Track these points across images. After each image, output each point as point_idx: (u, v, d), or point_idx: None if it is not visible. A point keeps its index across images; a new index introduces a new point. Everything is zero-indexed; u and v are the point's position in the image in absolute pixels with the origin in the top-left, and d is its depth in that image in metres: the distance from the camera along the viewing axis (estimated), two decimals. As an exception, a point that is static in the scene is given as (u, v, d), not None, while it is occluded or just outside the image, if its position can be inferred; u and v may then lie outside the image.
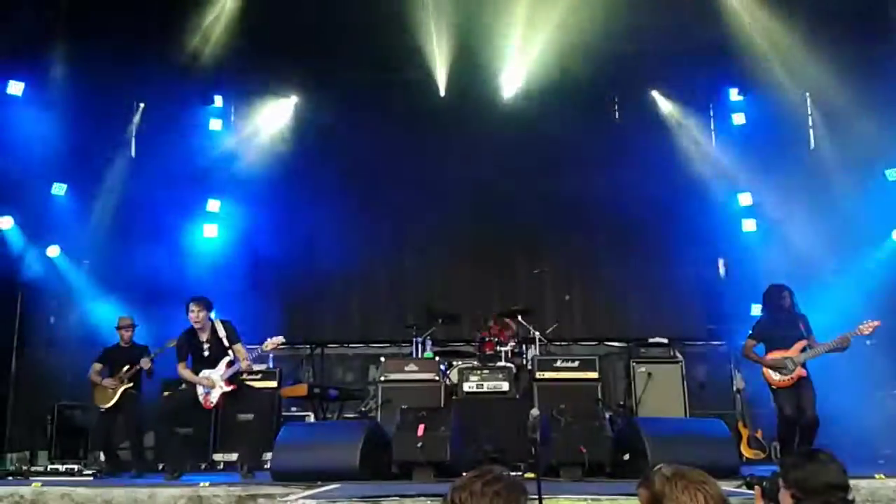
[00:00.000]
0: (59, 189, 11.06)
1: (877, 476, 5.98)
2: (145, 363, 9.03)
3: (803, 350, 7.83)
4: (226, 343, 7.94)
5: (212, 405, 7.91)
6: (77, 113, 10.72)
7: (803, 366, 7.80)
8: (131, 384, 9.02)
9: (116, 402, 8.94)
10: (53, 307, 11.07)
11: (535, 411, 4.79)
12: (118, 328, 9.36)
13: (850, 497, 3.03)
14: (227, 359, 7.90)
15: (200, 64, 11.04)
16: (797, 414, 7.75)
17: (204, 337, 7.99)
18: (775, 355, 7.88)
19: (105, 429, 9.08)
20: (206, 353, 7.94)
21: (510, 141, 12.10)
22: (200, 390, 7.89)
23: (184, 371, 8.01)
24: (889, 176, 10.81)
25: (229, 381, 7.85)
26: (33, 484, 6.47)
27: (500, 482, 2.45)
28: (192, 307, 7.92)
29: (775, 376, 7.84)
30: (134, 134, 12.08)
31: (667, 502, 2.56)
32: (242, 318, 11.63)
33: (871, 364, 9.56)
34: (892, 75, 10.35)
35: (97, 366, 9.20)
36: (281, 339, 7.99)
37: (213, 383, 7.83)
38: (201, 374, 7.90)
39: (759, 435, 9.34)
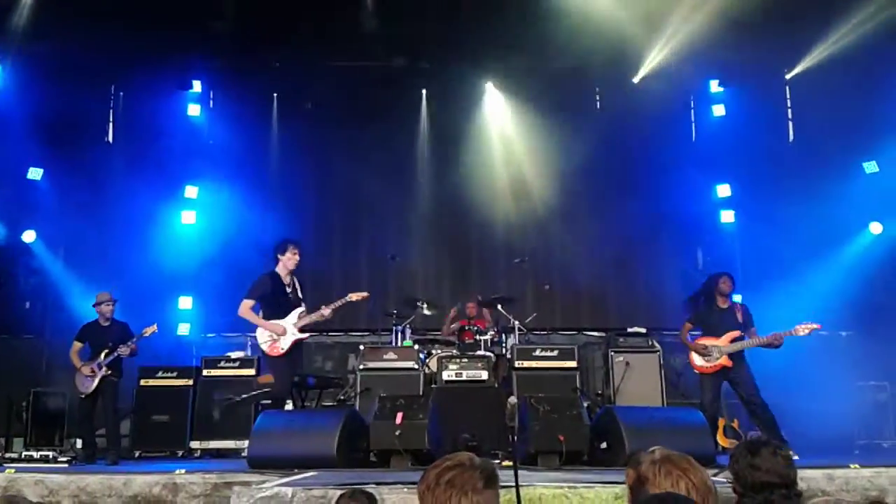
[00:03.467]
0: (35, 174, 10.95)
1: (851, 466, 6.02)
2: (124, 351, 8.92)
3: (733, 341, 8.03)
4: (300, 295, 8.23)
5: (281, 352, 7.98)
6: (54, 97, 10.62)
7: (732, 356, 7.99)
8: (110, 372, 8.90)
9: (96, 387, 8.84)
10: (28, 292, 10.96)
11: (512, 399, 4.79)
12: (96, 305, 9.14)
13: (794, 492, 2.95)
14: (299, 309, 8.11)
15: (179, 48, 10.94)
16: (711, 401, 8.09)
17: (287, 280, 8.17)
18: (704, 342, 8.12)
19: (85, 415, 8.98)
20: (290, 296, 8.13)
21: (491, 130, 12.16)
22: (265, 337, 7.98)
23: (249, 312, 8.04)
24: (866, 168, 10.91)
25: (302, 329, 8.06)
26: (7, 470, 6.41)
27: (452, 471, 2.41)
28: (295, 249, 8.12)
29: (697, 361, 8.15)
30: (111, 119, 11.97)
31: (650, 485, 2.56)
32: (221, 304, 11.67)
33: (847, 355, 9.66)
34: (869, 68, 10.45)
35: (77, 344, 9.05)
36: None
37: (283, 330, 7.97)
38: (272, 321, 8.00)
39: (735, 424, 9.39)
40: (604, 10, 10.52)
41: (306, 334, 8.16)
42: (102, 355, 8.86)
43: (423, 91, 12.48)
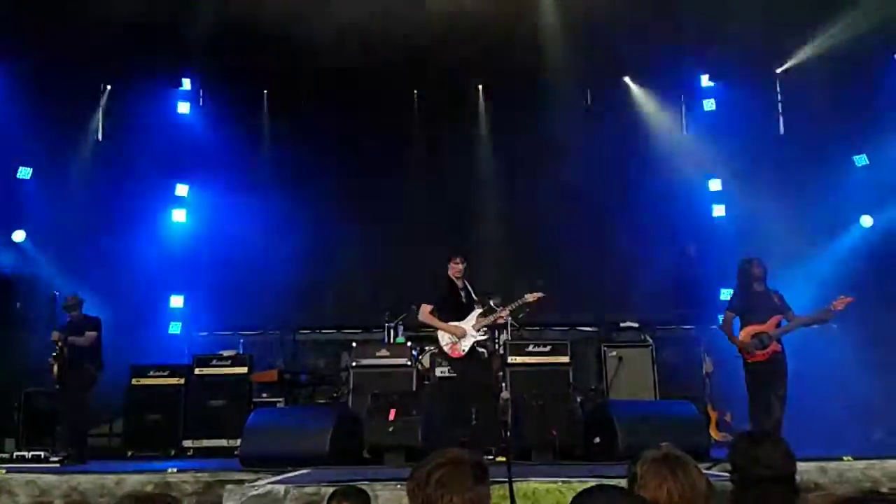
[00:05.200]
0: (24, 173, 10.89)
1: (844, 458, 6.04)
2: (53, 335, 8.90)
3: (779, 325, 7.81)
4: (474, 297, 8.31)
5: (461, 354, 8.01)
6: (43, 95, 10.56)
7: (778, 341, 7.80)
8: (57, 354, 8.84)
9: (64, 380, 8.87)
10: (19, 292, 10.91)
11: (505, 394, 4.81)
12: (64, 308, 9.22)
13: (791, 487, 2.94)
14: (476, 311, 8.17)
15: (168, 46, 10.88)
16: (766, 391, 7.76)
17: (460, 285, 8.25)
18: (750, 330, 7.85)
19: (61, 412, 9.09)
20: (464, 301, 8.21)
21: (484, 128, 12.18)
22: (446, 339, 8.05)
23: (429, 315, 8.09)
24: (857, 162, 10.93)
25: (479, 330, 8.14)
26: (-2, 471, 6.38)
27: (443, 469, 2.38)
28: (455, 258, 8.20)
29: (750, 351, 7.83)
30: (101, 117, 11.91)
31: (637, 484, 2.55)
32: (214, 303, 11.65)
33: (837, 348, 9.67)
34: (859, 61, 10.48)
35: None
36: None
37: (463, 332, 8.01)
38: (451, 323, 8.06)
39: (728, 418, 9.41)
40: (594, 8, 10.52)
41: (485, 336, 8.22)
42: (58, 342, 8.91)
43: (415, 90, 12.43)
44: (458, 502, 2.34)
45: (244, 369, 9.95)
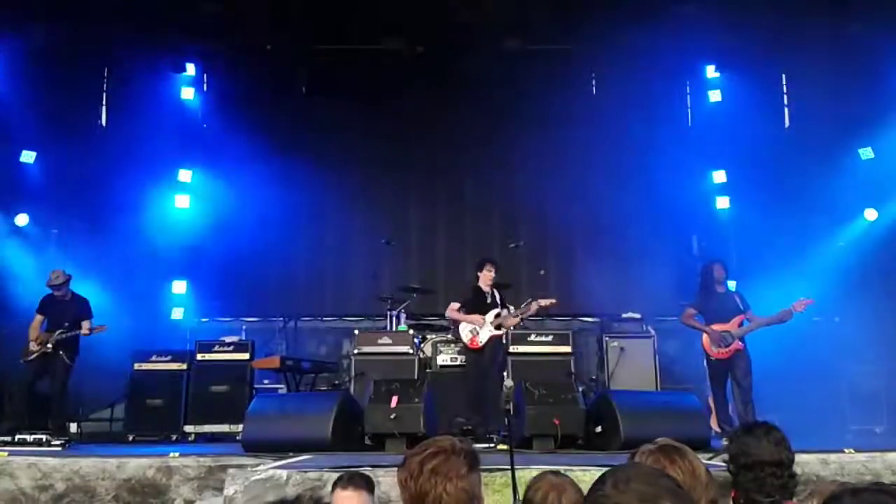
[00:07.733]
0: (28, 157, 10.88)
1: (846, 451, 6.03)
2: (85, 329, 8.97)
3: (741, 325, 8.13)
4: (498, 303, 9.11)
5: (479, 345, 8.80)
6: (47, 79, 10.54)
7: (741, 339, 8.07)
8: (51, 347, 8.93)
9: (46, 364, 8.98)
10: (21, 276, 10.90)
11: (508, 382, 4.80)
12: (50, 285, 9.21)
13: (787, 473, 2.98)
14: (496, 310, 8.97)
15: (172, 30, 10.87)
16: (729, 384, 8.20)
17: (487, 291, 9.14)
18: (715, 329, 8.18)
19: (29, 383, 9.13)
20: (488, 301, 9.08)
21: (486, 116, 12.12)
22: (467, 332, 8.86)
23: (455, 312, 9.09)
24: (862, 155, 10.90)
25: (497, 327, 8.90)
26: (-1, 454, 6.39)
27: (436, 458, 2.38)
28: (490, 267, 9.13)
29: (713, 348, 8.18)
30: (104, 102, 11.89)
31: None
32: (216, 289, 11.65)
33: (840, 340, 9.68)
34: (865, 54, 10.43)
35: (38, 318, 9.21)
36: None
37: (483, 321, 8.85)
38: (472, 315, 8.91)
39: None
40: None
41: (502, 331, 8.95)
42: (58, 332, 8.95)
43: (417, 74, 12.37)
44: (452, 490, 2.33)
45: (246, 355, 9.94)
